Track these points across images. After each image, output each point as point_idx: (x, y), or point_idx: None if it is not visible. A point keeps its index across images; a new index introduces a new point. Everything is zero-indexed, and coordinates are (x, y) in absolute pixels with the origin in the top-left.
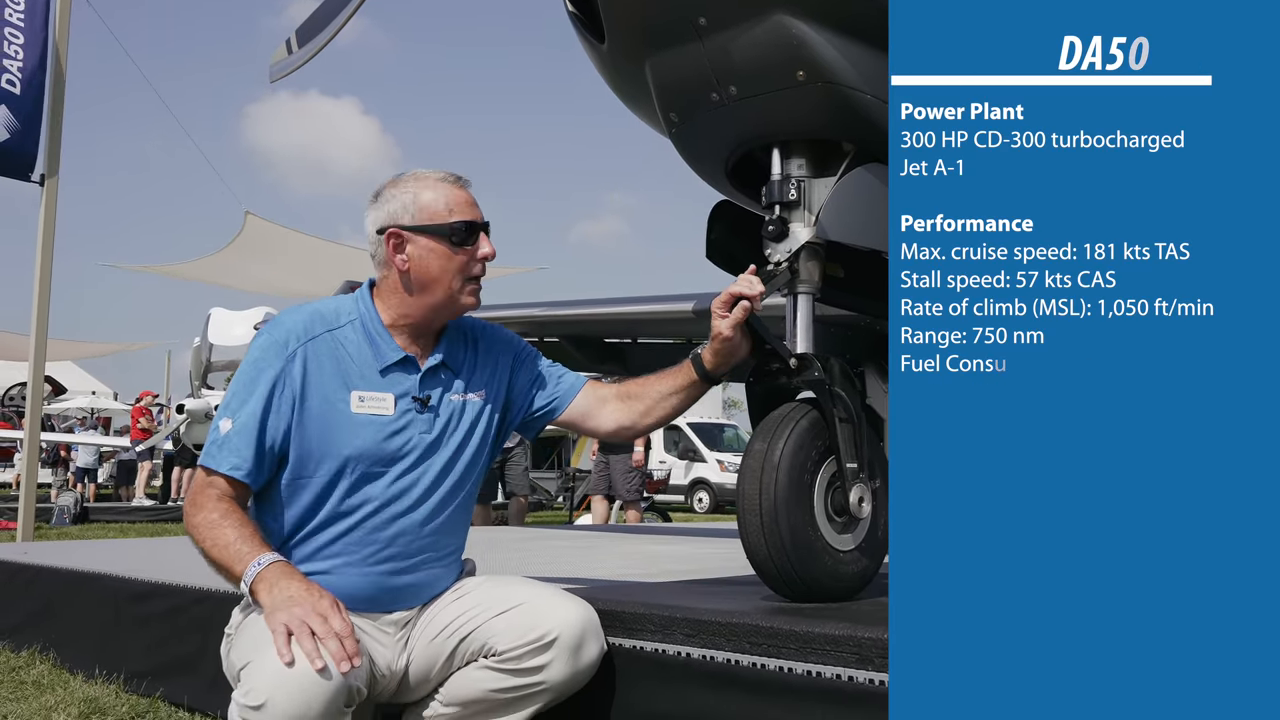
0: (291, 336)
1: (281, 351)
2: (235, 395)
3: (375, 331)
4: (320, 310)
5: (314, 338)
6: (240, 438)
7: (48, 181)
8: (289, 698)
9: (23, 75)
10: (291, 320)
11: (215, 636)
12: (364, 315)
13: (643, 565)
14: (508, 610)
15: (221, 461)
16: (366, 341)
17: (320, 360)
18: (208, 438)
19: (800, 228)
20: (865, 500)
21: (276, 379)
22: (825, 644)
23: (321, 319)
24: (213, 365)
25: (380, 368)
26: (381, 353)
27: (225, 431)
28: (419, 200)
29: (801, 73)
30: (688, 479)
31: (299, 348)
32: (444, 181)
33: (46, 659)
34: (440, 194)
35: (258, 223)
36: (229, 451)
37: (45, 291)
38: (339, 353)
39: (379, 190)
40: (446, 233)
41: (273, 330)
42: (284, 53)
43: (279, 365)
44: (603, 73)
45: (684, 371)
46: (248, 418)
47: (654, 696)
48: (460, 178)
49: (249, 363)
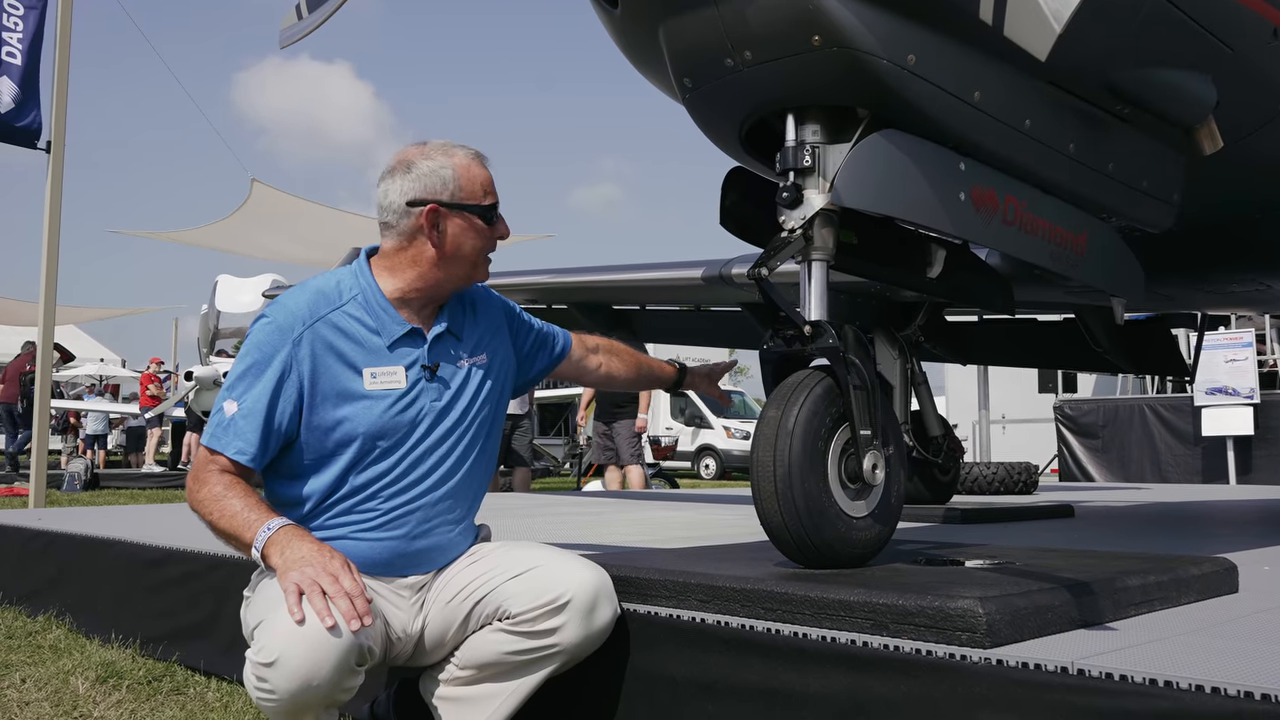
0: (296, 320)
1: (287, 336)
2: (240, 378)
3: (379, 305)
4: (322, 289)
5: (319, 319)
6: (246, 422)
7: (54, 148)
8: (300, 655)
9: (23, 45)
10: (294, 303)
11: (229, 602)
12: (365, 289)
13: (653, 531)
14: (522, 574)
15: (227, 445)
16: (371, 317)
17: (327, 341)
18: (210, 418)
19: (815, 194)
20: (878, 467)
21: (284, 365)
22: (839, 609)
23: (324, 298)
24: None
25: (388, 343)
26: (387, 327)
27: (230, 415)
28: (458, 178)
29: (817, 37)
30: (694, 446)
31: (304, 331)
32: (475, 160)
33: (63, 624)
34: (475, 174)
35: (264, 190)
36: (234, 435)
37: (53, 258)
38: (346, 331)
39: (405, 159)
40: (481, 212)
41: (276, 313)
42: (294, 18)
43: (286, 350)
44: (615, 37)
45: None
46: (254, 403)
47: (668, 661)
48: (484, 156)
49: (253, 345)
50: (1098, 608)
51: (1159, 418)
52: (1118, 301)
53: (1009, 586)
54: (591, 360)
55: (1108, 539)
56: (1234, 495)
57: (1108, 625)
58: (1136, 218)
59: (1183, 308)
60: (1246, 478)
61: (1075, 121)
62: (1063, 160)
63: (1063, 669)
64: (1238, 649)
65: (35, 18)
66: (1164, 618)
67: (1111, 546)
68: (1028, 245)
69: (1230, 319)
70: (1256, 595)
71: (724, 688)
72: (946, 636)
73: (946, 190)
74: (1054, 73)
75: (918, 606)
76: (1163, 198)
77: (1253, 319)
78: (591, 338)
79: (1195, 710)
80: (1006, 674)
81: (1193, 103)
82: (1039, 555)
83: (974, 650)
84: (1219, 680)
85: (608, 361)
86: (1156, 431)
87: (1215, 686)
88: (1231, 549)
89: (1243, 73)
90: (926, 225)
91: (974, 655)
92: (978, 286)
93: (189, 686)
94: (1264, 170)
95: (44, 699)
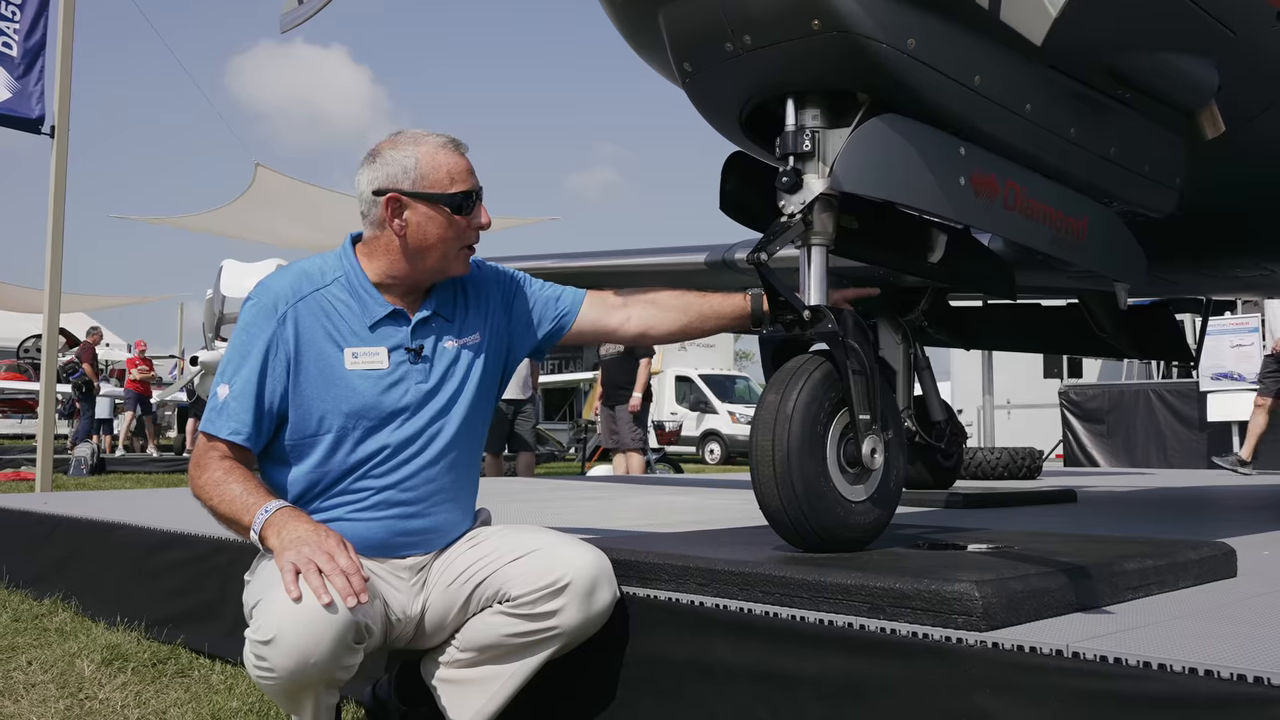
0: (280, 299)
1: (271, 315)
2: (230, 362)
3: (362, 288)
4: (306, 270)
5: (302, 298)
6: (238, 403)
7: (58, 134)
8: (297, 632)
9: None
10: (278, 284)
11: (233, 585)
12: (349, 272)
13: (655, 516)
14: (522, 556)
15: (221, 427)
16: (353, 298)
17: (310, 320)
18: (207, 404)
19: (814, 179)
20: (877, 451)
21: (269, 343)
22: (837, 593)
23: (308, 279)
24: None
25: (369, 323)
26: (369, 308)
27: (223, 398)
28: (420, 166)
29: (816, 21)
30: (699, 431)
31: (288, 309)
32: (444, 148)
33: (68, 607)
34: (441, 161)
35: (268, 174)
36: (228, 417)
37: (58, 244)
38: (328, 311)
39: (375, 149)
40: (446, 201)
41: (260, 295)
42: (293, 2)
43: (270, 329)
44: (615, 22)
45: (734, 304)
46: (244, 383)
47: (667, 644)
48: (459, 143)
49: (240, 328)
50: (1094, 592)
51: (1164, 403)
52: (1120, 286)
53: (1005, 570)
54: (615, 316)
55: (1109, 524)
56: (1238, 480)
57: (1104, 609)
58: (1138, 202)
59: (1187, 293)
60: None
61: (1076, 106)
62: (1064, 145)
63: (1058, 652)
64: (1233, 633)
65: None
66: (1161, 602)
67: (1112, 531)
68: (1028, 230)
69: (1237, 304)
70: (1254, 580)
71: (722, 670)
72: (942, 620)
73: (946, 175)
74: (1054, 57)
75: (914, 590)
76: (1165, 182)
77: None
78: (616, 294)
79: (1189, 693)
80: (1002, 657)
81: (1195, 87)
82: (1038, 539)
83: (970, 633)
84: (1213, 663)
85: (640, 313)
86: (1162, 417)
87: (1209, 670)
88: (1232, 534)
89: (1245, 56)
90: (927, 210)
91: (970, 638)
92: (980, 272)
93: (194, 669)
94: (1267, 154)
95: (50, 681)
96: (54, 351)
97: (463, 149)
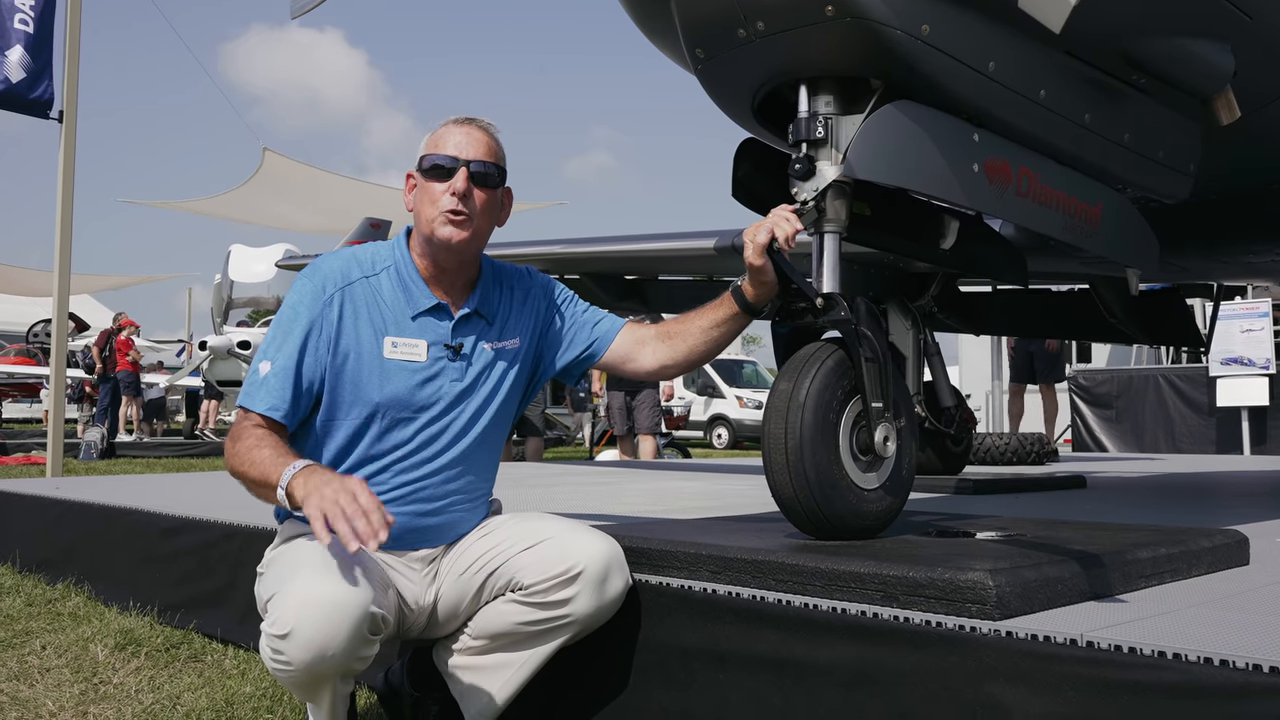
0: (329, 281)
1: (319, 295)
2: (273, 338)
3: (410, 278)
4: (358, 256)
5: (351, 283)
6: (277, 379)
7: (66, 118)
8: (314, 626)
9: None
10: (329, 265)
11: (244, 571)
12: (399, 262)
13: (665, 502)
14: (534, 545)
15: (259, 402)
16: (400, 288)
17: (356, 305)
18: (246, 379)
19: (827, 166)
20: (890, 439)
21: (313, 323)
22: (850, 581)
23: (359, 264)
24: (234, 302)
25: (412, 314)
26: (414, 299)
27: (264, 374)
28: (424, 145)
29: (830, 7)
30: (707, 415)
31: (336, 292)
32: (446, 124)
33: (81, 591)
34: (435, 136)
35: (276, 159)
36: (266, 392)
37: (67, 228)
38: (374, 298)
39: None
40: (426, 168)
41: (311, 275)
42: None
43: (316, 309)
44: (627, 7)
45: (724, 305)
46: (285, 360)
47: (679, 632)
48: (463, 119)
49: (288, 305)
50: (1107, 580)
51: (1174, 388)
52: (1132, 272)
53: (1019, 559)
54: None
55: (1119, 510)
56: (1248, 466)
57: (1117, 598)
58: (1152, 188)
59: (1198, 278)
60: (1261, 449)
61: (1091, 92)
62: (1078, 131)
63: (1071, 641)
64: (1247, 622)
65: None
66: (1174, 590)
67: (1123, 518)
68: (1041, 217)
69: (1247, 289)
70: (1268, 568)
71: (735, 658)
72: (956, 608)
73: (960, 162)
74: (1069, 42)
75: (928, 578)
76: (1179, 168)
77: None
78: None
79: (1203, 682)
80: (1015, 646)
81: (1210, 72)
82: (1049, 527)
83: (983, 622)
84: (1227, 653)
85: (655, 348)
86: (1171, 402)
87: (1224, 659)
88: (1244, 521)
89: (1260, 41)
90: (940, 197)
91: (983, 627)
92: (991, 258)
93: (206, 654)
94: None
95: (64, 665)
96: (63, 335)
97: (463, 122)
